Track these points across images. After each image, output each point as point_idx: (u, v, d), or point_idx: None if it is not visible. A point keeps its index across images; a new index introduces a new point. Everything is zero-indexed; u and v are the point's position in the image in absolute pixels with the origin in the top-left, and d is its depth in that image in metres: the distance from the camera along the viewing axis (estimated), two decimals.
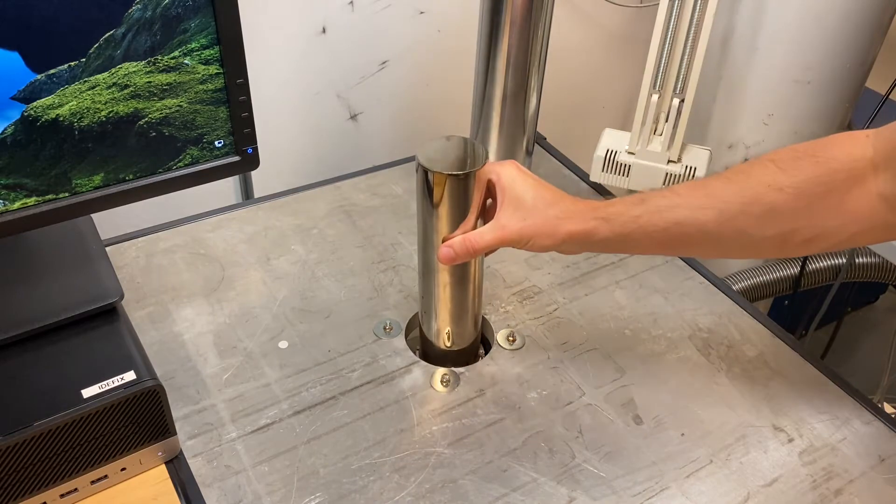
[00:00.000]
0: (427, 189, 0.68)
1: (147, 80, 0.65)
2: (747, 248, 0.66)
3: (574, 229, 0.66)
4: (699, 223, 0.64)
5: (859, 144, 0.62)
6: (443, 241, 0.69)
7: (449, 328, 0.77)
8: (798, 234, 0.63)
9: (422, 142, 0.69)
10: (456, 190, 0.67)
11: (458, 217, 0.69)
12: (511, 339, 0.83)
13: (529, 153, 1.02)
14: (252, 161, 0.74)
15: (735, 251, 0.67)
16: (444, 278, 0.73)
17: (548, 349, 0.82)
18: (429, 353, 0.81)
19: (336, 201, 1.01)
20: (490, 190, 0.70)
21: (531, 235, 0.67)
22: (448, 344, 0.79)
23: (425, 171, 0.67)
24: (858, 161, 0.61)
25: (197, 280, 0.88)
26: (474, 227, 0.69)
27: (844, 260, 1.37)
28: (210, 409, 0.74)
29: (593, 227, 0.66)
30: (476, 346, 0.82)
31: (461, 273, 0.73)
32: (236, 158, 0.73)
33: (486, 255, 0.73)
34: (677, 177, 0.98)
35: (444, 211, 0.69)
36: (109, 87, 0.63)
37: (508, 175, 0.68)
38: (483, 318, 0.84)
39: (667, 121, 0.98)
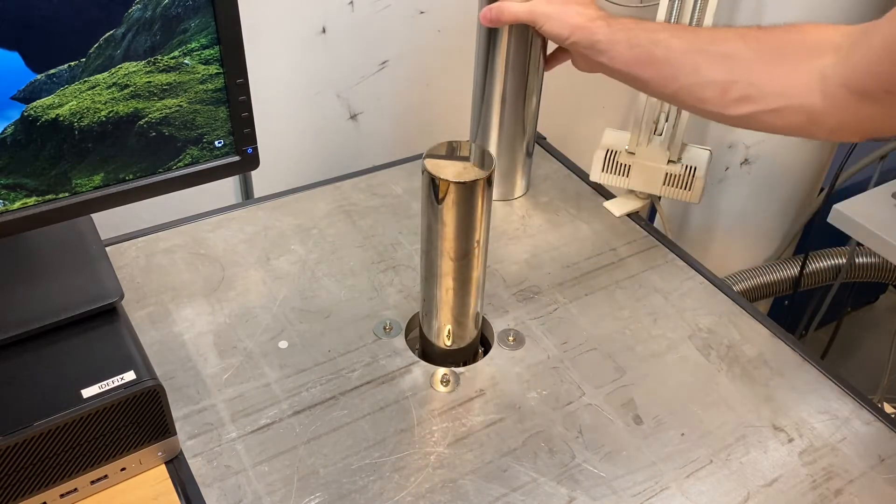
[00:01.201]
0: (433, 194, 0.68)
1: (147, 79, 0.64)
2: (693, 89, 0.70)
3: (580, 23, 0.76)
4: (669, 45, 0.70)
5: (830, 30, 0.65)
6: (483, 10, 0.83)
7: (450, 327, 0.77)
8: (737, 87, 0.67)
9: (428, 146, 0.69)
10: (462, 197, 0.67)
11: (464, 223, 0.69)
12: (511, 339, 0.83)
13: (529, 154, 1.02)
14: (252, 161, 0.74)
15: (682, 89, 0.70)
16: (447, 282, 0.73)
17: (548, 349, 0.82)
18: (429, 353, 0.81)
19: (336, 201, 1.01)
20: None
21: (548, 16, 0.78)
22: (448, 343, 0.79)
23: (431, 177, 0.67)
24: (822, 41, 0.64)
25: (197, 280, 0.88)
26: None
27: (844, 260, 1.37)
28: (210, 409, 0.74)
29: (595, 24, 0.75)
30: (476, 346, 0.82)
31: (464, 275, 0.73)
32: (236, 158, 0.73)
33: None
34: (677, 177, 0.98)
35: (449, 217, 0.69)
36: (109, 87, 0.63)
37: None
38: (483, 318, 0.84)
39: (667, 121, 0.98)
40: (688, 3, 0.95)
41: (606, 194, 1.05)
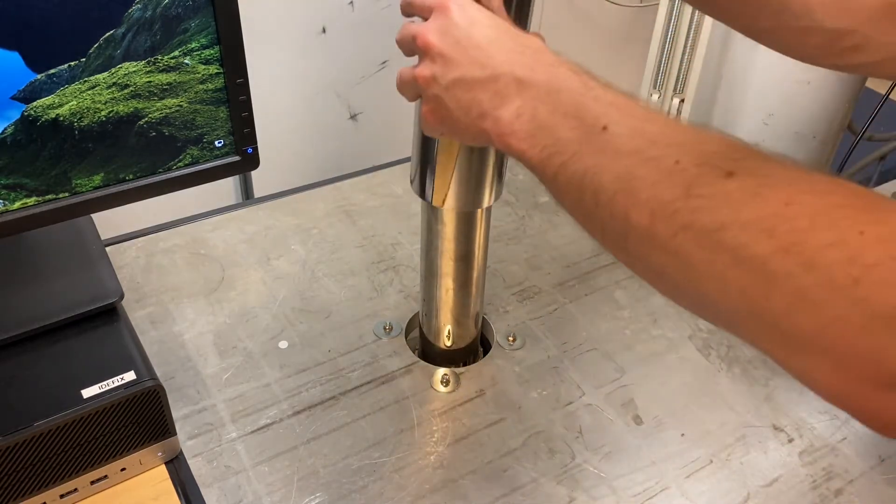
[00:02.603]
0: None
1: (147, 79, 0.64)
2: (798, 35, 0.57)
3: None
4: None
5: None
6: None
7: (450, 327, 0.77)
8: (851, 37, 0.54)
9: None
10: None
11: (465, 223, 0.69)
12: (511, 339, 0.83)
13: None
14: (252, 161, 0.74)
15: (785, 33, 0.58)
16: (447, 283, 0.73)
17: (548, 349, 0.82)
18: (429, 353, 0.81)
19: (336, 201, 1.01)
20: None
21: None
22: (448, 343, 0.79)
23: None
24: None
25: (197, 280, 0.88)
26: None
27: None
28: (210, 409, 0.74)
29: None
30: (476, 346, 0.82)
31: (464, 276, 0.73)
32: (236, 158, 0.73)
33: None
34: None
35: (449, 217, 0.68)
36: (109, 87, 0.63)
37: None
38: (483, 318, 0.84)
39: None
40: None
41: None
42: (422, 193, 0.67)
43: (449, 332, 0.78)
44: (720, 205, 0.35)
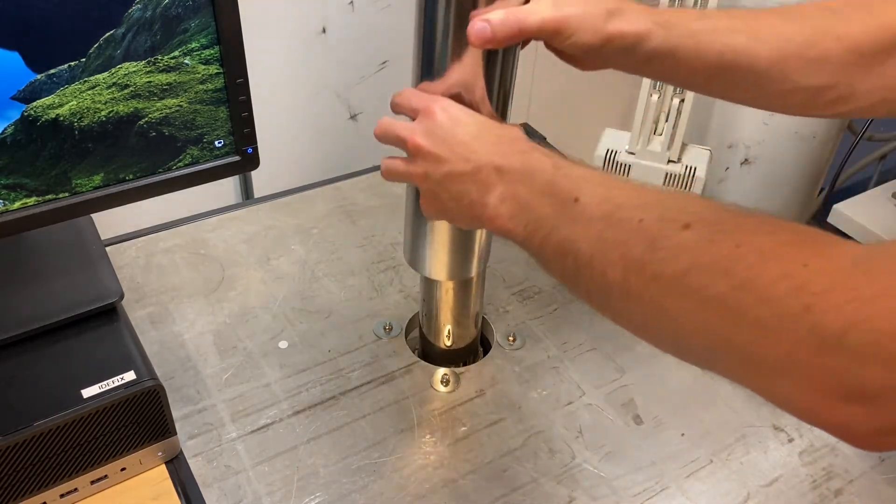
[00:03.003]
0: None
1: (147, 79, 0.64)
2: (780, 97, 0.59)
3: (624, 29, 0.55)
4: (752, 55, 0.57)
5: None
6: (471, 16, 0.55)
7: (450, 327, 0.77)
8: (833, 90, 0.57)
9: None
10: None
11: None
12: (511, 339, 0.83)
13: None
14: (252, 161, 0.74)
15: (767, 96, 0.60)
16: (447, 282, 0.73)
17: (548, 349, 0.82)
18: (429, 353, 0.81)
19: (336, 201, 1.01)
20: None
21: (576, 28, 0.54)
22: (448, 343, 0.79)
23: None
24: None
25: (197, 280, 0.88)
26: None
27: None
28: (210, 409, 0.74)
29: (647, 31, 0.55)
30: (476, 346, 0.82)
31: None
32: (236, 158, 0.73)
33: (522, 47, 0.60)
34: (677, 177, 0.98)
35: None
36: (109, 87, 0.63)
37: None
38: (483, 318, 0.83)
39: (667, 121, 0.98)
40: (688, 3, 0.95)
41: None
42: (415, 266, 0.71)
43: (449, 332, 0.78)
44: (681, 253, 0.39)
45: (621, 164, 1.00)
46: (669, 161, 0.99)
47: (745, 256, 0.37)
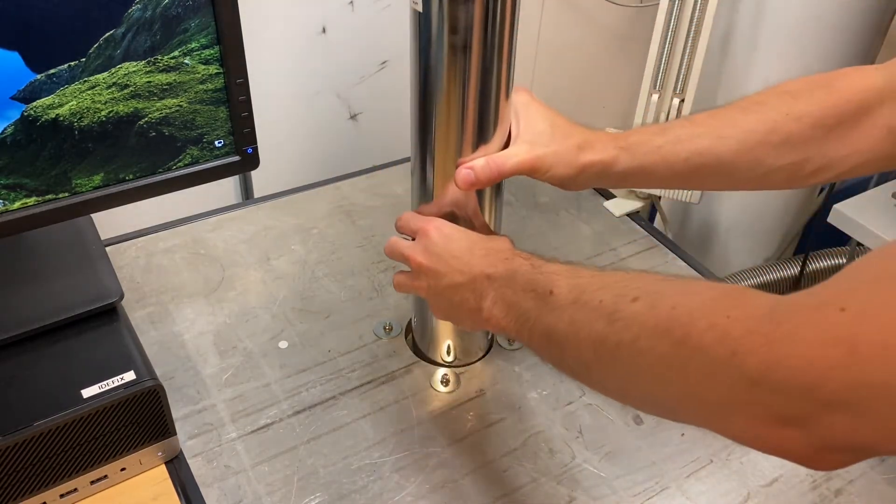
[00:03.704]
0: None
1: (147, 79, 0.64)
2: (760, 179, 0.64)
3: (594, 158, 0.63)
4: (719, 153, 0.62)
5: (868, 77, 0.62)
6: (457, 167, 0.64)
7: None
8: (809, 163, 0.62)
9: None
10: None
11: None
12: (511, 338, 0.83)
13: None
14: (252, 161, 0.74)
15: (747, 181, 0.66)
16: None
17: None
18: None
19: (336, 201, 1.01)
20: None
21: (551, 164, 0.63)
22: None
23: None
24: (867, 93, 0.61)
25: (197, 280, 0.88)
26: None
27: (844, 260, 1.37)
28: (210, 409, 0.74)
29: (614, 157, 0.63)
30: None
31: None
32: (236, 158, 0.73)
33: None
34: None
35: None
36: (109, 87, 0.63)
37: (523, 102, 0.66)
38: None
39: (667, 121, 0.98)
40: (688, 3, 0.95)
41: (606, 194, 1.05)
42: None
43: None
44: (632, 322, 0.46)
45: None
46: None
47: (679, 317, 0.43)
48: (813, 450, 0.38)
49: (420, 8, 0.59)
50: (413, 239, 0.64)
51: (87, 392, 0.62)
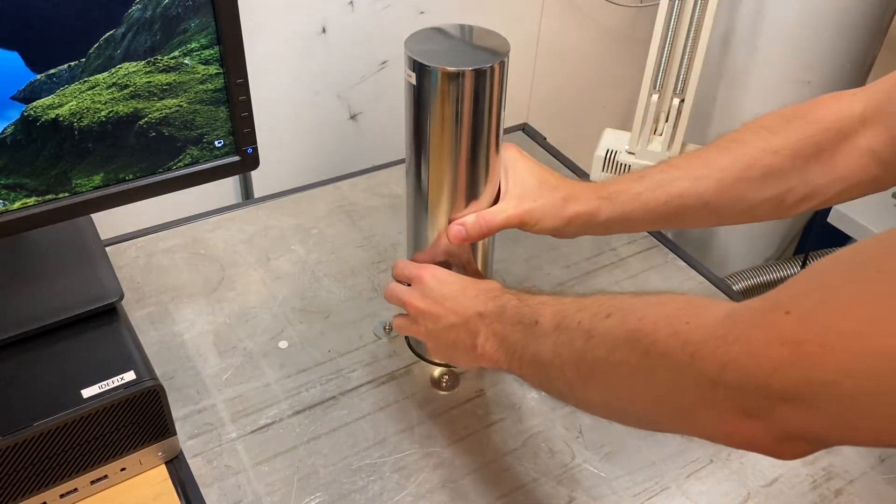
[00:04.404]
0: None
1: (147, 80, 0.64)
2: (745, 213, 0.67)
3: (579, 210, 0.66)
4: (699, 193, 0.65)
5: (845, 103, 0.63)
6: (449, 222, 0.69)
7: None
8: (792, 193, 0.64)
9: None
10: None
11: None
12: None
13: None
14: (252, 161, 0.74)
15: (732, 217, 0.68)
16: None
17: None
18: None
19: (336, 201, 1.01)
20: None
21: (539, 217, 0.67)
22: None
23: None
24: (845, 119, 0.62)
25: (197, 280, 0.88)
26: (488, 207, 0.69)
27: None
28: (210, 409, 0.74)
29: (596, 208, 0.66)
30: None
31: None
32: (236, 158, 0.73)
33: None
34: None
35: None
36: (109, 87, 0.63)
37: (511, 158, 0.69)
38: None
39: (667, 121, 0.99)
40: (688, 3, 0.95)
41: None
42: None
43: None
44: (607, 337, 0.49)
45: (621, 164, 1.00)
46: None
47: (644, 327, 0.46)
48: (774, 440, 0.41)
49: (414, 81, 0.62)
50: (409, 285, 0.68)
51: (87, 392, 0.62)
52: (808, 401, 0.37)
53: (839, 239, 1.30)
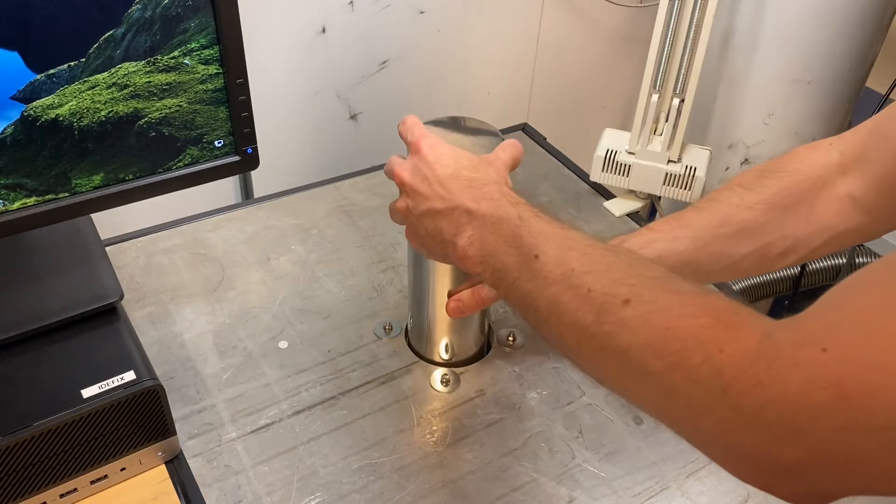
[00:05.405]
0: None
1: (147, 79, 0.65)
2: (728, 270, 0.66)
3: None
4: (677, 253, 0.64)
5: (822, 152, 0.63)
6: (449, 295, 0.71)
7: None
8: (773, 247, 0.64)
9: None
10: None
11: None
12: (511, 338, 0.83)
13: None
14: (252, 161, 0.74)
15: (718, 274, 0.67)
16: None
17: (548, 349, 0.82)
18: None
19: (336, 201, 1.01)
20: None
21: None
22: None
23: None
24: (822, 168, 0.62)
25: (197, 280, 0.88)
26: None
27: (844, 260, 1.37)
28: (210, 409, 0.74)
29: None
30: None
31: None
32: (236, 158, 0.73)
33: None
34: (677, 177, 0.98)
35: None
36: (109, 87, 0.63)
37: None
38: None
39: (667, 121, 0.98)
40: (688, 3, 0.95)
41: (606, 194, 1.05)
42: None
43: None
44: (622, 330, 0.44)
45: (621, 164, 1.00)
46: (669, 161, 0.99)
47: (672, 341, 0.41)
48: (800, 497, 0.39)
49: None
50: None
51: (87, 392, 0.62)
52: (851, 451, 0.34)
53: None
